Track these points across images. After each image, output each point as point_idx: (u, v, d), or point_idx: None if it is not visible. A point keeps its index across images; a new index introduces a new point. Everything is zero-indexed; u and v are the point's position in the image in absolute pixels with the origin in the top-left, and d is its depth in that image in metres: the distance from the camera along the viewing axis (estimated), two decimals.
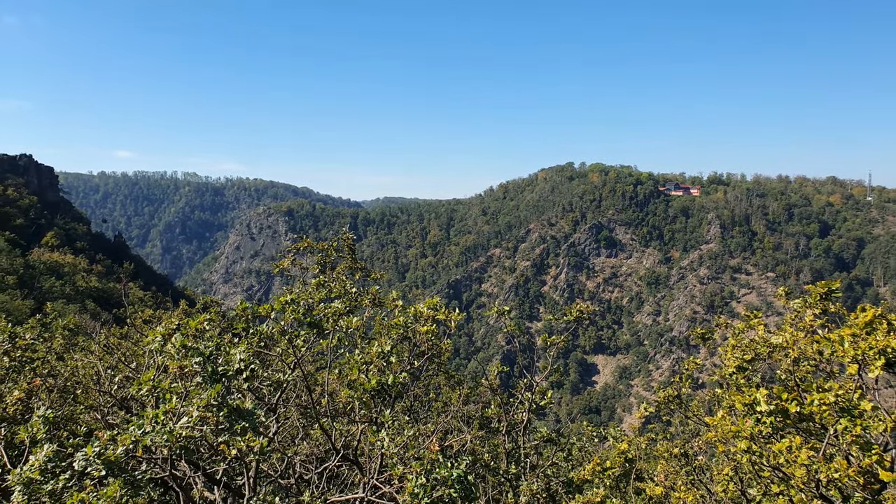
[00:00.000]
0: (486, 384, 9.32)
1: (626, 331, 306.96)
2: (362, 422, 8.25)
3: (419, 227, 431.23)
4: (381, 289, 9.56)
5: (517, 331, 10.00)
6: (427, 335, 8.15)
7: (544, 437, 9.93)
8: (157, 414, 5.84)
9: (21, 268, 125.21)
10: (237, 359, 6.88)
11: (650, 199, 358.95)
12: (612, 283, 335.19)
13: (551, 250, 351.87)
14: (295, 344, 8.46)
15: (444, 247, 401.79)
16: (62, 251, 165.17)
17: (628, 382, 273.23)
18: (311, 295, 9.90)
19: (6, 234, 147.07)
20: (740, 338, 8.79)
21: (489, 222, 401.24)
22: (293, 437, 13.05)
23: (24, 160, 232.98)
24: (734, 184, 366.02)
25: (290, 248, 11.81)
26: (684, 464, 9.79)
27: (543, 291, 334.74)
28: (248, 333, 8.50)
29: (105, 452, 5.37)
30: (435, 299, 8.77)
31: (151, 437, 6.07)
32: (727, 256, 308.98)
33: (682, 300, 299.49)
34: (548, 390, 9.65)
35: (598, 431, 12.27)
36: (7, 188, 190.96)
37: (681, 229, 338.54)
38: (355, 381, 7.39)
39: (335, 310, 8.30)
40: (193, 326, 7.38)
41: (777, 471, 6.50)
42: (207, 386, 5.89)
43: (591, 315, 9.84)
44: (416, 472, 6.08)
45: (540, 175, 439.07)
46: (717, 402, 11.04)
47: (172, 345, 6.38)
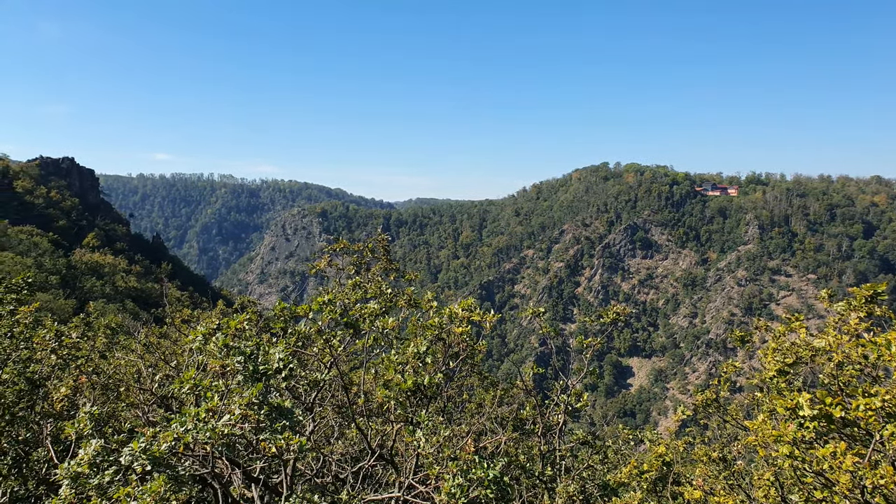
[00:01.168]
0: (522, 386, 9.29)
1: (662, 333, 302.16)
2: (398, 422, 8.31)
3: (451, 227, 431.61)
4: (416, 290, 9.61)
5: (552, 333, 9.95)
6: (462, 336, 8.17)
7: (580, 439, 9.87)
8: (199, 412, 5.99)
9: (63, 268, 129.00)
10: (276, 358, 7.00)
11: (686, 200, 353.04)
12: (647, 284, 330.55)
13: (585, 251, 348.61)
14: (332, 344, 8.57)
15: (477, 248, 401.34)
16: (102, 252, 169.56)
17: (664, 385, 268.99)
18: (347, 296, 10.02)
19: (50, 236, 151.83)
20: (781, 341, 8.60)
21: (522, 223, 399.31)
22: (328, 435, 13.20)
23: (66, 163, 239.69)
24: (773, 184, 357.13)
25: (326, 249, 11.96)
26: (723, 468, 9.62)
27: (577, 293, 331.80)
28: (286, 333, 8.64)
29: (150, 448, 5.53)
30: (469, 300, 8.79)
31: (193, 433, 6.22)
32: (766, 258, 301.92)
33: (719, 302, 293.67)
34: (584, 393, 9.58)
35: (634, 434, 12.13)
36: (50, 190, 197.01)
37: (718, 230, 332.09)
38: (391, 380, 7.46)
39: (372, 310, 8.38)
40: (233, 326, 7.53)
41: (820, 477, 6.35)
42: (249, 384, 6.01)
43: (627, 317, 9.74)
44: (452, 473, 6.10)
45: (574, 175, 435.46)
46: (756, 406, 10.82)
47: (214, 344, 6.52)
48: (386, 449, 8.84)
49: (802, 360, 7.79)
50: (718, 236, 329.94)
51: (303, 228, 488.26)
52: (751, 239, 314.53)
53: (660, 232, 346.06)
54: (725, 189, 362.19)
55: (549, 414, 9.74)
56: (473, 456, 6.42)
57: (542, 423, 9.54)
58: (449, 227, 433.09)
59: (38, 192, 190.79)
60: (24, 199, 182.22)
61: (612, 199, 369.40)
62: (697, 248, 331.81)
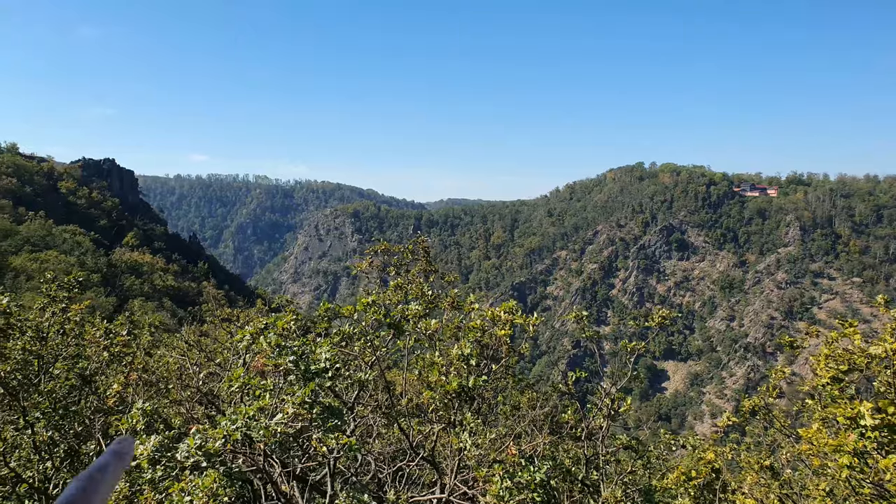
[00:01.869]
0: (565, 388, 9.25)
1: (698, 336, 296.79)
2: (440, 423, 8.34)
3: (483, 228, 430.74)
4: (458, 291, 9.64)
5: (595, 337, 9.85)
6: (505, 338, 8.16)
7: (623, 443, 9.76)
8: (251, 410, 6.10)
9: (104, 266, 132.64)
10: (322, 358, 7.09)
11: (724, 201, 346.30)
12: (683, 286, 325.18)
13: (620, 253, 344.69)
14: (374, 344, 8.64)
15: (509, 248, 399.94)
16: (141, 251, 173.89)
17: (700, 390, 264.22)
18: (389, 297, 10.09)
19: (91, 235, 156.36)
20: (834, 347, 8.37)
21: (555, 224, 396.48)
22: (368, 434, 13.32)
23: (107, 164, 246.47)
24: (815, 184, 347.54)
25: (368, 251, 12.07)
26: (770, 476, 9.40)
27: (612, 295, 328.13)
28: (330, 333, 8.74)
29: (206, 445, 5.65)
30: (511, 303, 8.77)
31: (243, 431, 6.34)
32: (807, 260, 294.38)
33: (758, 305, 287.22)
34: (627, 397, 9.48)
35: (675, 439, 11.94)
36: (92, 191, 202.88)
37: (757, 231, 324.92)
38: (435, 382, 7.49)
39: (415, 312, 8.43)
40: (280, 326, 7.65)
41: (880, 488, 6.16)
42: (301, 384, 6.11)
43: (672, 320, 9.60)
44: (500, 475, 6.10)
45: (608, 175, 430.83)
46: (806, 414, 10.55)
47: (267, 343, 6.64)
48: (427, 450, 8.87)
49: (857, 368, 7.57)
50: (757, 238, 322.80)
51: (335, 229, 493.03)
52: (791, 241, 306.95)
53: (696, 233, 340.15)
54: (765, 190, 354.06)
55: (592, 418, 9.65)
56: (519, 459, 6.41)
57: (586, 427, 9.47)
58: (480, 228, 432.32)
59: (81, 192, 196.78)
60: (68, 200, 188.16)
61: (648, 200, 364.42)
62: (735, 250, 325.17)
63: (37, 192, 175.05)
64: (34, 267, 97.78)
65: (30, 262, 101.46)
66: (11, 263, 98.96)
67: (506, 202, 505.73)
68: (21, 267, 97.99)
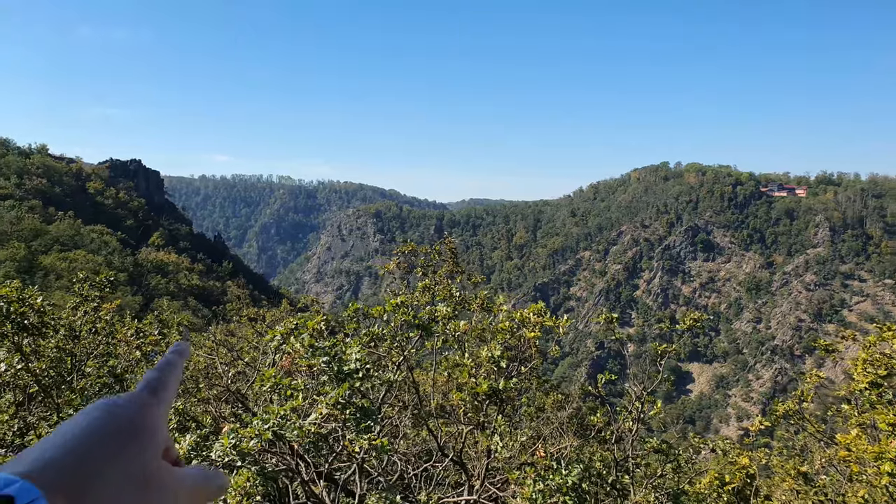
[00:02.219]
0: (595, 391, 9.17)
1: (724, 338, 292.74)
2: (469, 425, 8.33)
3: (505, 228, 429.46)
4: (488, 293, 9.62)
5: (623, 338, 9.75)
6: (533, 341, 8.13)
7: (654, 447, 9.65)
8: (282, 409, 6.15)
9: (131, 266, 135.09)
10: (353, 358, 7.12)
11: (751, 201, 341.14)
12: (708, 288, 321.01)
13: (644, 253, 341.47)
14: (403, 345, 8.66)
15: (531, 249, 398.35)
16: (167, 250, 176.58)
17: (725, 392, 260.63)
18: (416, 298, 10.10)
19: (118, 235, 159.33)
20: (871, 351, 8.19)
21: (578, 224, 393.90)
22: (393, 435, 13.36)
23: (133, 165, 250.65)
24: (846, 184, 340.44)
25: (395, 251, 12.11)
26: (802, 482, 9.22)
27: (636, 296, 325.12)
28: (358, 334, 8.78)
29: (240, 445, 5.71)
30: (540, 304, 8.72)
31: (274, 430, 6.39)
32: (837, 261, 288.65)
33: (785, 307, 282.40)
34: (657, 400, 9.38)
35: (705, 442, 11.79)
36: (119, 191, 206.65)
37: (784, 232, 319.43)
38: (465, 383, 7.47)
39: (445, 314, 8.43)
40: (311, 327, 7.70)
41: None
42: (333, 384, 6.14)
43: (704, 323, 9.48)
44: (532, 478, 6.07)
45: (633, 175, 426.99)
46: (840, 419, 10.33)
47: (301, 344, 6.69)
48: (455, 451, 8.87)
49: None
50: (785, 239, 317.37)
51: (357, 229, 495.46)
52: (821, 242, 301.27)
53: (722, 234, 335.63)
54: (793, 189, 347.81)
55: (622, 421, 9.56)
56: (551, 462, 6.37)
57: (616, 431, 9.38)
58: (502, 228, 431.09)
59: (108, 193, 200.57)
60: (96, 200, 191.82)
61: (673, 200, 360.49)
62: (762, 251, 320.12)
63: (66, 192, 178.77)
64: (63, 266, 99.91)
65: (59, 261, 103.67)
66: (42, 262, 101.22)
67: (528, 202, 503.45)
68: (51, 266, 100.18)
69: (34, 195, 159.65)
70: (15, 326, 10.15)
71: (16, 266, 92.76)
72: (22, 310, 10.22)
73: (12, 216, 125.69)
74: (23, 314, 10.24)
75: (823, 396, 13.15)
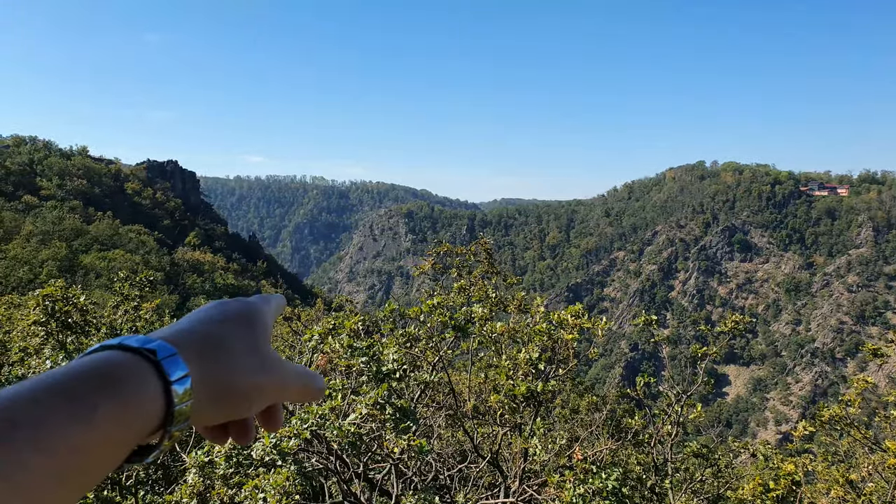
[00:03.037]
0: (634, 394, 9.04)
1: (762, 340, 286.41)
2: (505, 426, 8.29)
3: (537, 228, 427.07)
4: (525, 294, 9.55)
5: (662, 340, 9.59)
6: (571, 343, 8.04)
7: (693, 451, 9.47)
8: (322, 409, 6.19)
9: (167, 265, 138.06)
10: (390, 359, 7.13)
11: (790, 200, 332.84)
12: (745, 289, 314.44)
13: (680, 254, 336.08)
14: (438, 346, 8.66)
15: (564, 249, 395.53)
16: (202, 250, 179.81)
17: (763, 395, 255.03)
18: (452, 299, 10.08)
19: (155, 235, 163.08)
20: None
21: (612, 224, 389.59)
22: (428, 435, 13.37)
23: (170, 166, 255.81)
24: (890, 182, 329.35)
25: (429, 251, 12.12)
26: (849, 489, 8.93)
27: (671, 297, 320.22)
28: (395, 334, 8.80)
29: (281, 444, 5.77)
30: (578, 306, 8.62)
31: (313, 429, 6.44)
32: (881, 262, 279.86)
33: (826, 309, 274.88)
34: (697, 403, 9.19)
35: (745, 447, 11.52)
36: (156, 192, 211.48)
37: (825, 232, 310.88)
38: (503, 385, 7.43)
39: (482, 315, 8.39)
40: (348, 327, 7.74)
41: None
42: (372, 384, 6.16)
43: (746, 325, 9.25)
44: (572, 482, 5.99)
45: (668, 175, 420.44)
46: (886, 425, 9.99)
47: (340, 344, 6.72)
48: (491, 453, 8.82)
49: None
50: (826, 239, 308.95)
51: (389, 229, 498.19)
52: (864, 242, 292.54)
53: (760, 234, 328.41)
54: (834, 189, 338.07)
55: (661, 424, 9.40)
56: (590, 465, 6.28)
57: (656, 433, 9.23)
58: (535, 228, 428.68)
59: (146, 193, 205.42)
60: (134, 200, 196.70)
61: (709, 200, 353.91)
62: (802, 252, 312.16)
63: (105, 192, 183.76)
64: (102, 265, 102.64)
65: (98, 260, 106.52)
66: (82, 262, 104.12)
67: (561, 202, 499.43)
68: (91, 265, 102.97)
69: (75, 196, 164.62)
70: (59, 325, 10.40)
71: (58, 265, 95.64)
72: (66, 308, 10.47)
73: (54, 216, 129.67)
74: (66, 312, 10.48)
75: (867, 400, 12.75)
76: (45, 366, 10.35)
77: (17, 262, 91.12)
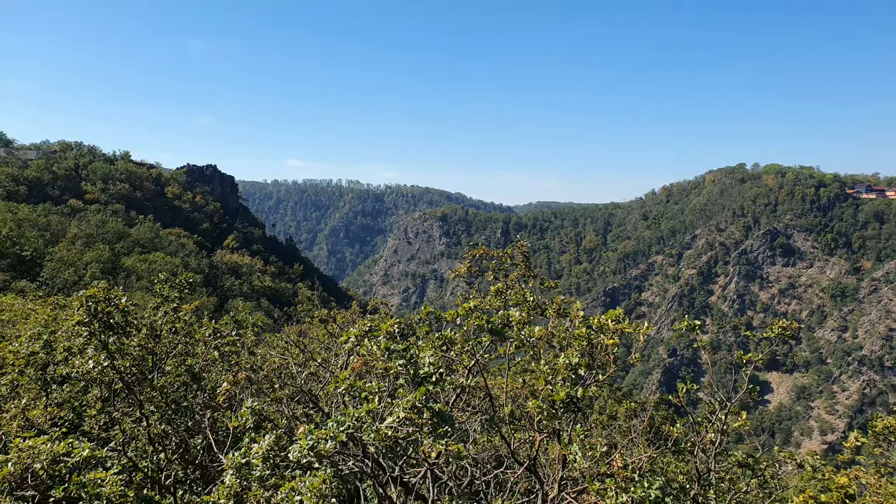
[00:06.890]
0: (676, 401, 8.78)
1: (805, 347, 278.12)
2: (543, 432, 8.13)
3: (573, 232, 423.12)
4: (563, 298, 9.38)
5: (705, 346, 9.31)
6: (612, 348, 7.85)
7: (738, 460, 9.16)
8: (359, 412, 6.15)
9: (206, 267, 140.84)
10: (426, 362, 7.06)
11: (835, 203, 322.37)
12: (788, 294, 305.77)
13: (720, 258, 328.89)
14: (473, 349, 8.55)
15: (601, 253, 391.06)
16: (240, 253, 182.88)
17: (807, 404, 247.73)
18: (490, 302, 9.97)
19: (195, 238, 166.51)
20: None
21: (650, 227, 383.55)
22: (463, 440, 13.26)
23: (209, 170, 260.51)
24: None
25: (466, 254, 12.02)
26: None
27: (710, 302, 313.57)
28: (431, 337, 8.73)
29: (318, 447, 5.74)
30: (618, 310, 8.42)
31: (349, 433, 6.40)
32: None
33: (874, 315, 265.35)
34: (741, 412, 8.89)
35: (792, 457, 11.10)
36: (196, 195, 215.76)
37: (873, 236, 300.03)
38: (541, 391, 7.29)
39: (519, 319, 8.26)
40: (385, 329, 7.70)
41: None
42: (409, 388, 6.10)
43: (795, 332, 8.92)
44: (613, 490, 5.83)
45: (707, 177, 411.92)
46: None
47: (377, 347, 6.68)
48: (529, 459, 8.67)
49: None
50: (874, 243, 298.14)
51: (423, 232, 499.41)
52: None
53: (803, 238, 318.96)
54: (883, 192, 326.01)
55: (705, 432, 9.12)
56: (632, 473, 6.10)
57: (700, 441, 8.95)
58: (571, 232, 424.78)
59: (186, 197, 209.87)
60: (174, 204, 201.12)
61: (750, 203, 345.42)
62: (848, 256, 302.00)
63: (146, 196, 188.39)
64: (143, 268, 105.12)
65: (139, 262, 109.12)
66: (124, 264, 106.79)
67: (598, 205, 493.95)
68: (132, 267, 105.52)
69: (118, 199, 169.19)
70: (101, 325, 10.60)
71: (101, 267, 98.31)
72: (108, 309, 10.66)
73: (98, 220, 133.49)
74: (108, 314, 10.68)
75: None
76: (87, 365, 10.55)
77: (63, 264, 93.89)
